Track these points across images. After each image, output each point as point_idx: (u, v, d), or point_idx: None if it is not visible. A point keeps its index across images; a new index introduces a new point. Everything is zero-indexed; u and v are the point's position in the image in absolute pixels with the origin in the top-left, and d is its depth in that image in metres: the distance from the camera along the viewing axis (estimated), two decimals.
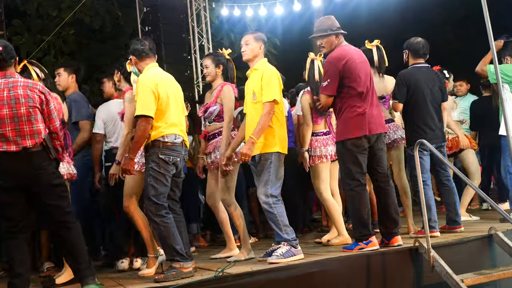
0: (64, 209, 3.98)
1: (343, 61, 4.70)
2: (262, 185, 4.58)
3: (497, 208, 4.20)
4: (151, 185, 4.25)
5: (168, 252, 4.27)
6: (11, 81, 3.88)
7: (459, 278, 4.18)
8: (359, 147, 4.70)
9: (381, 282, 4.48)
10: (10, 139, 3.80)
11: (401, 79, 5.40)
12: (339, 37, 4.88)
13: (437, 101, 5.43)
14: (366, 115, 4.68)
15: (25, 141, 3.83)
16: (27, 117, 3.84)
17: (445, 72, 6.57)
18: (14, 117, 3.81)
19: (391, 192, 4.86)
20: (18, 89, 3.85)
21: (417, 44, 5.51)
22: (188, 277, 4.13)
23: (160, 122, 4.30)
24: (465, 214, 6.50)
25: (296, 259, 4.46)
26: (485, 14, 4.49)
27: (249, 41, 4.76)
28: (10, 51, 3.93)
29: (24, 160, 3.83)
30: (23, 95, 3.84)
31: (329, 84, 4.74)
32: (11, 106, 3.81)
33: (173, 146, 4.33)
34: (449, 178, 5.52)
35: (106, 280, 4.48)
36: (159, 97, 4.29)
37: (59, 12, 10.89)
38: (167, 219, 4.24)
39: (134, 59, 4.51)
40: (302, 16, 11.79)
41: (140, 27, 10.43)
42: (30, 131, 3.85)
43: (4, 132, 3.80)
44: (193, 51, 10.72)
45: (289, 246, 4.49)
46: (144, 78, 4.35)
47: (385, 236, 4.82)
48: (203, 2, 10.71)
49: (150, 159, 4.30)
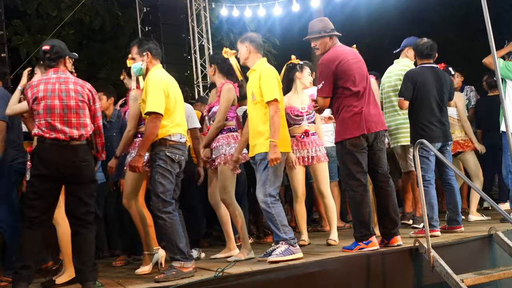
0: (90, 208, 4.08)
1: (336, 62, 4.71)
2: (261, 184, 4.58)
3: (497, 208, 4.20)
4: (159, 182, 4.28)
5: (170, 249, 4.28)
6: (63, 77, 4.11)
7: (459, 278, 4.18)
8: (358, 147, 4.70)
9: (381, 282, 4.48)
10: (58, 128, 3.96)
11: (408, 77, 5.43)
12: (333, 38, 4.89)
13: (444, 101, 5.44)
14: (363, 114, 4.68)
15: (72, 131, 3.99)
16: (76, 109, 4.05)
17: (450, 69, 6.56)
18: (64, 108, 4.01)
19: (391, 193, 4.85)
20: (69, 84, 4.08)
21: (422, 45, 5.53)
22: (188, 277, 4.13)
23: (167, 121, 4.35)
24: (477, 213, 6.50)
25: (295, 257, 4.46)
26: (485, 14, 4.49)
27: (238, 47, 4.84)
28: (58, 51, 4.13)
29: (70, 150, 3.98)
30: (73, 90, 4.07)
31: (323, 86, 4.75)
32: (62, 98, 4.01)
33: (178, 145, 4.39)
34: (453, 178, 5.53)
35: (106, 280, 4.48)
36: (169, 97, 4.36)
37: (59, 12, 10.92)
38: (173, 216, 4.27)
39: (151, 56, 4.54)
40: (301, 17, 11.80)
41: (140, 27, 10.45)
42: (77, 123, 4.03)
43: (53, 122, 3.97)
44: (193, 51, 10.74)
45: (288, 245, 4.50)
46: (155, 77, 4.40)
47: (384, 236, 4.82)
48: (203, 2, 10.73)
49: (157, 157, 4.33)
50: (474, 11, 10.74)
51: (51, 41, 4.23)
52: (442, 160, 4.92)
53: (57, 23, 10.47)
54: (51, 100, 3.98)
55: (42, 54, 4.15)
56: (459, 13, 14.44)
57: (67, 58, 4.21)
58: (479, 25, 4.75)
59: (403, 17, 13.48)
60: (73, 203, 4.06)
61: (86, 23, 11.37)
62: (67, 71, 4.17)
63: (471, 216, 6.47)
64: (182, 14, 10.31)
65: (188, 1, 10.60)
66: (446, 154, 5.40)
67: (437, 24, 14.47)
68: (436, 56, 5.62)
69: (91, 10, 11.28)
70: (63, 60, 4.16)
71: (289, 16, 11.51)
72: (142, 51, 4.54)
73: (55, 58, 4.12)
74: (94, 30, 11.72)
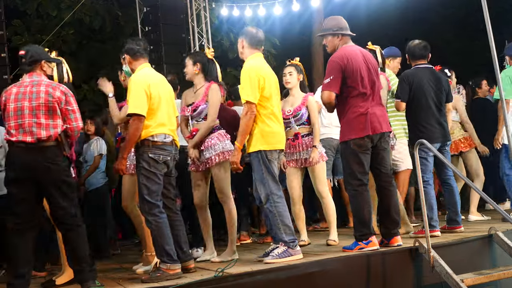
0: (68, 210, 4.01)
1: (345, 61, 4.69)
2: (260, 184, 4.55)
3: (497, 208, 4.20)
4: (143, 184, 4.27)
5: (157, 251, 4.30)
6: (36, 80, 4.11)
7: (459, 278, 4.18)
8: (362, 147, 4.69)
9: (381, 282, 4.48)
10: (27, 129, 3.94)
11: (404, 78, 5.43)
12: (341, 38, 4.86)
13: (441, 101, 5.44)
14: (368, 114, 4.67)
15: (40, 132, 3.95)
16: (45, 111, 4.00)
17: (446, 71, 6.56)
18: (33, 110, 3.98)
19: (394, 193, 4.85)
20: (41, 86, 4.06)
21: (414, 47, 5.53)
22: (173, 279, 4.11)
23: (150, 122, 4.33)
24: (477, 213, 6.50)
25: (292, 259, 4.44)
26: (485, 14, 4.50)
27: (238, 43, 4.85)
28: (32, 55, 4.13)
29: (38, 152, 3.95)
30: (44, 91, 4.04)
31: (332, 80, 4.69)
32: (31, 99, 3.99)
33: (162, 145, 4.36)
34: (452, 178, 5.53)
35: (106, 280, 4.49)
36: (151, 97, 4.33)
37: (59, 12, 10.89)
38: (159, 219, 4.26)
39: (129, 58, 4.54)
40: (301, 17, 11.79)
41: (140, 27, 10.44)
42: (46, 124, 3.98)
43: (22, 123, 3.95)
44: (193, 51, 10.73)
45: (286, 247, 4.48)
46: (137, 78, 4.39)
47: (385, 236, 4.82)
48: (203, 2, 10.71)
49: (140, 159, 4.32)
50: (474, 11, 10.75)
51: (28, 46, 4.26)
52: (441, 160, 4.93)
53: (57, 23, 10.45)
54: (21, 102, 3.98)
55: (19, 59, 4.16)
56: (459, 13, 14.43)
57: (44, 62, 4.19)
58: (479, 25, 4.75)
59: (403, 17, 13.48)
60: (51, 207, 4.04)
61: (86, 23, 11.35)
62: (42, 75, 4.16)
63: (471, 216, 6.47)
64: (182, 14, 10.29)
65: (188, 1, 10.58)
66: (445, 154, 5.40)
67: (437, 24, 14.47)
68: (430, 57, 5.61)
69: (91, 10, 11.25)
70: (39, 65, 4.15)
71: (289, 16, 11.49)
72: (121, 54, 4.58)
73: (30, 62, 4.13)
74: (94, 30, 11.70)
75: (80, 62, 11.56)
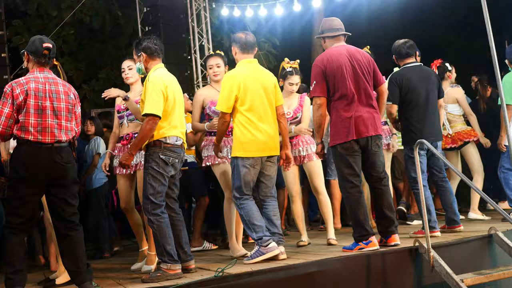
0: (75, 209, 4.04)
1: (324, 63, 4.74)
2: (233, 187, 4.66)
3: (497, 208, 4.20)
4: (150, 184, 4.27)
5: (158, 251, 4.31)
6: (50, 77, 4.04)
7: (459, 278, 4.18)
8: (348, 150, 4.72)
9: (381, 282, 4.48)
10: (48, 130, 3.90)
11: (392, 80, 5.41)
12: (326, 40, 4.91)
13: (432, 99, 5.41)
14: (353, 118, 4.68)
15: (61, 135, 3.94)
16: (66, 112, 4.00)
17: (447, 65, 6.54)
18: (54, 110, 3.94)
19: (385, 192, 4.84)
20: (58, 86, 4.02)
21: (399, 46, 5.52)
22: (174, 279, 4.12)
23: (163, 123, 4.32)
24: (478, 212, 6.49)
25: (266, 257, 4.44)
26: (485, 14, 4.49)
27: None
28: (55, 51, 4.08)
29: (55, 152, 3.91)
30: (63, 92, 4.01)
31: (315, 85, 4.76)
32: (52, 99, 3.95)
33: (173, 147, 4.36)
34: (445, 179, 5.52)
35: (106, 280, 4.49)
36: (167, 99, 4.33)
37: (59, 12, 10.91)
38: (161, 219, 4.27)
39: (146, 56, 4.50)
40: (302, 17, 11.78)
41: (140, 27, 10.44)
42: (66, 126, 3.99)
43: (43, 123, 3.89)
44: (193, 51, 10.74)
45: (258, 246, 4.51)
46: (155, 78, 4.34)
47: (382, 235, 4.83)
48: (203, 2, 10.72)
49: (150, 159, 4.32)
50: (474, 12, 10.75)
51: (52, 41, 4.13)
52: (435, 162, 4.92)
53: (57, 23, 10.45)
54: (42, 100, 3.90)
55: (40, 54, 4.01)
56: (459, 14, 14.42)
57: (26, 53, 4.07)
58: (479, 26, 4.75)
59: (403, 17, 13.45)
60: (59, 205, 3.98)
61: (86, 23, 11.36)
62: (50, 71, 4.09)
63: (471, 214, 6.46)
64: (182, 14, 10.29)
65: (188, 1, 10.59)
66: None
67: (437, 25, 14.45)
68: (418, 54, 5.59)
69: (91, 10, 11.26)
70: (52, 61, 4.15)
71: (291, 16, 11.48)
72: (137, 51, 4.53)
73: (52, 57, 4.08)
74: (94, 30, 11.70)
75: (80, 62, 11.57)
